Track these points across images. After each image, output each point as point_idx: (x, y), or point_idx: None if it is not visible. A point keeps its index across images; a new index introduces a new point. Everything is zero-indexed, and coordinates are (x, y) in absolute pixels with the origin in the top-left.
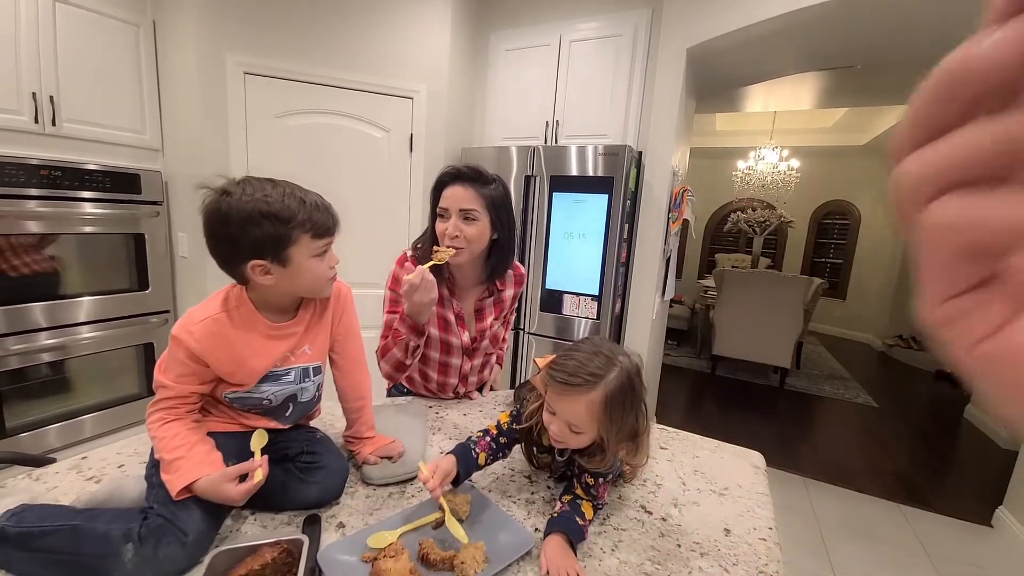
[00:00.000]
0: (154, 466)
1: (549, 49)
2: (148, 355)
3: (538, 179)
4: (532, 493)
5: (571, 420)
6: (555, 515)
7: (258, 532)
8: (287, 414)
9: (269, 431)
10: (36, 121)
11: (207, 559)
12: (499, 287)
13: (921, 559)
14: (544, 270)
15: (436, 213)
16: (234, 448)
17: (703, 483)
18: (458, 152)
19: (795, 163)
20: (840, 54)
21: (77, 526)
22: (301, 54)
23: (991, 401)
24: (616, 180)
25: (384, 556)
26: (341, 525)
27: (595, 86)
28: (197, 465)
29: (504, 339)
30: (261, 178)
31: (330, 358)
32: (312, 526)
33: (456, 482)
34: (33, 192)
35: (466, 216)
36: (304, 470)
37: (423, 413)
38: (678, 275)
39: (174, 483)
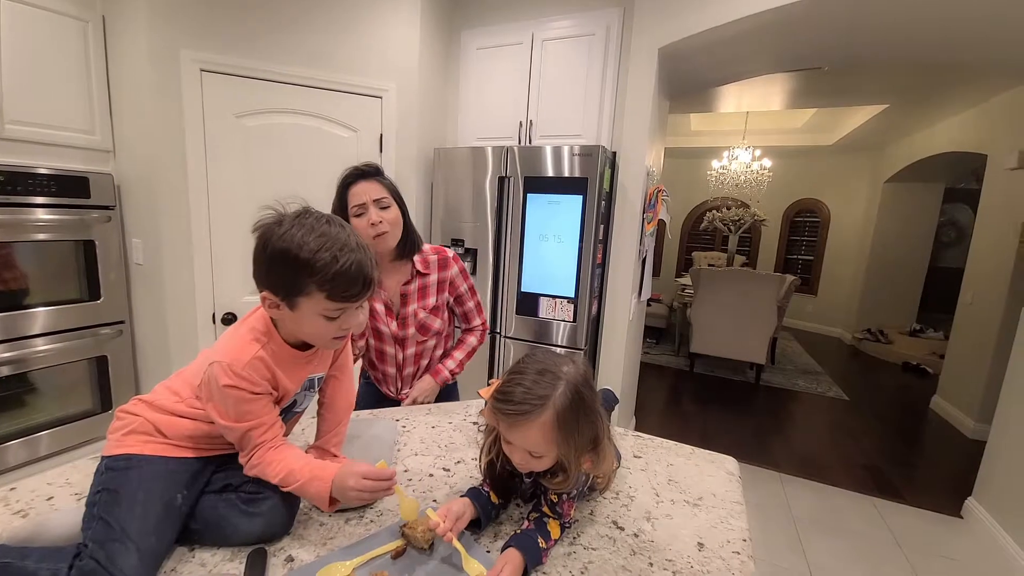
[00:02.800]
0: (97, 492)
1: (521, 48)
2: (102, 368)
3: (512, 180)
4: (500, 525)
5: (527, 446)
6: (518, 531)
7: (195, 570)
8: (282, 420)
9: (211, 458)
10: None
11: None
12: (422, 270)
13: (895, 552)
14: (520, 273)
15: (349, 213)
16: (186, 477)
17: (677, 493)
18: (430, 153)
19: (767, 162)
20: (808, 56)
21: (7, 563)
22: (262, 51)
23: None
24: (591, 181)
25: None
26: (290, 559)
27: (568, 85)
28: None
29: (445, 332)
30: (321, 217)
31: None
32: (256, 562)
33: (477, 525)
34: None
35: (380, 204)
36: (248, 501)
37: (392, 428)
38: (656, 274)
39: (319, 498)
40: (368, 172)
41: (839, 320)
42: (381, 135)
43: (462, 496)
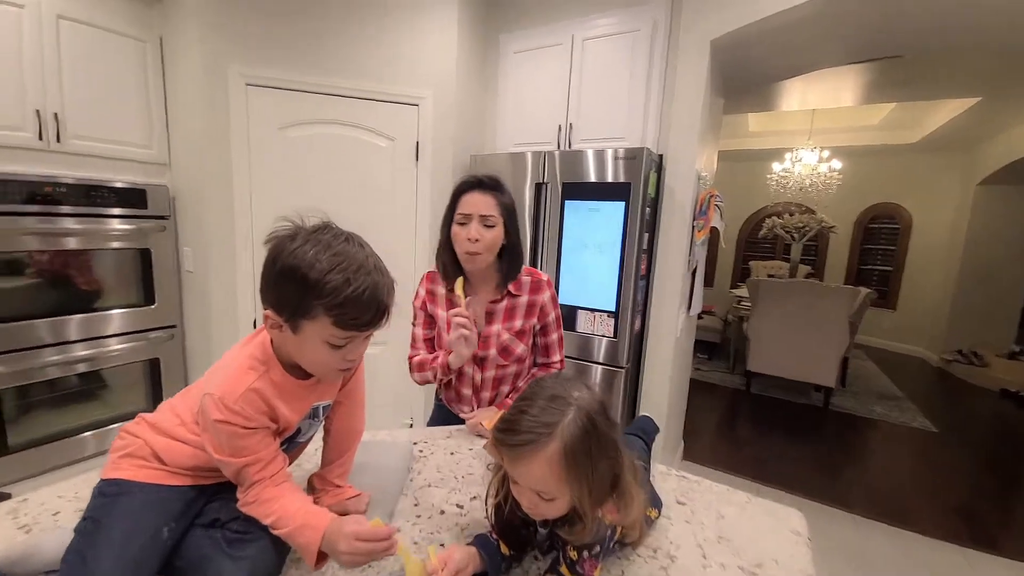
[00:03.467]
0: (84, 519)
1: (561, 49)
2: (154, 370)
3: (550, 186)
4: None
5: (534, 485)
6: None
7: None
8: (284, 450)
9: (208, 486)
10: (40, 138)
11: None
12: (513, 291)
13: None
14: (557, 284)
15: (453, 219)
16: (178, 506)
17: (729, 555)
18: (466, 160)
19: (837, 164)
20: (884, 43)
21: None
22: (303, 63)
23: None
24: (634, 186)
25: None
26: None
27: (611, 86)
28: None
29: (528, 361)
30: (340, 234)
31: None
32: None
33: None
34: (34, 209)
35: (486, 222)
36: (233, 542)
37: (407, 455)
38: (709, 284)
39: (307, 551)
40: (486, 184)
41: (922, 338)
42: (417, 143)
43: (468, 543)
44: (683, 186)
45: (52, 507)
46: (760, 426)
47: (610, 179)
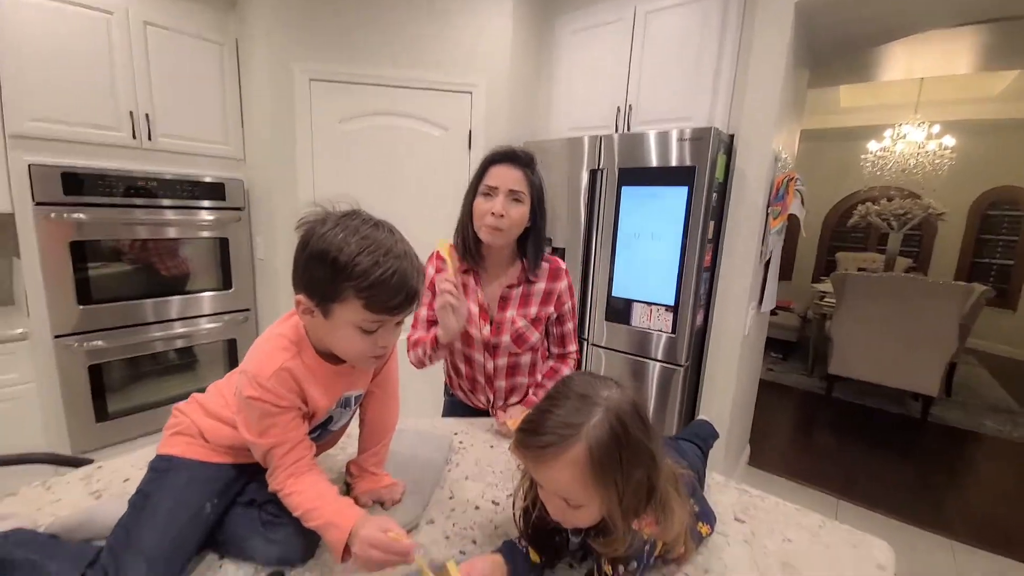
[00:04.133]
0: (137, 492)
1: (621, 24)
2: (231, 349)
3: (606, 172)
4: None
5: (559, 491)
6: None
7: None
8: (312, 439)
9: (245, 465)
10: (134, 137)
11: None
12: (531, 277)
13: None
14: (611, 274)
15: (477, 191)
16: (219, 485)
17: None
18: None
19: (949, 141)
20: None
21: (35, 562)
22: (359, 57)
23: None
24: (699, 170)
25: None
26: None
27: (676, 62)
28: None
29: (541, 351)
30: (369, 219)
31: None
32: None
33: None
34: (134, 201)
35: (514, 197)
36: (268, 524)
37: (445, 447)
38: (786, 277)
39: (334, 549)
40: (519, 158)
41: None
42: (470, 131)
43: (495, 552)
44: (757, 169)
45: (124, 474)
46: (842, 435)
47: (673, 163)
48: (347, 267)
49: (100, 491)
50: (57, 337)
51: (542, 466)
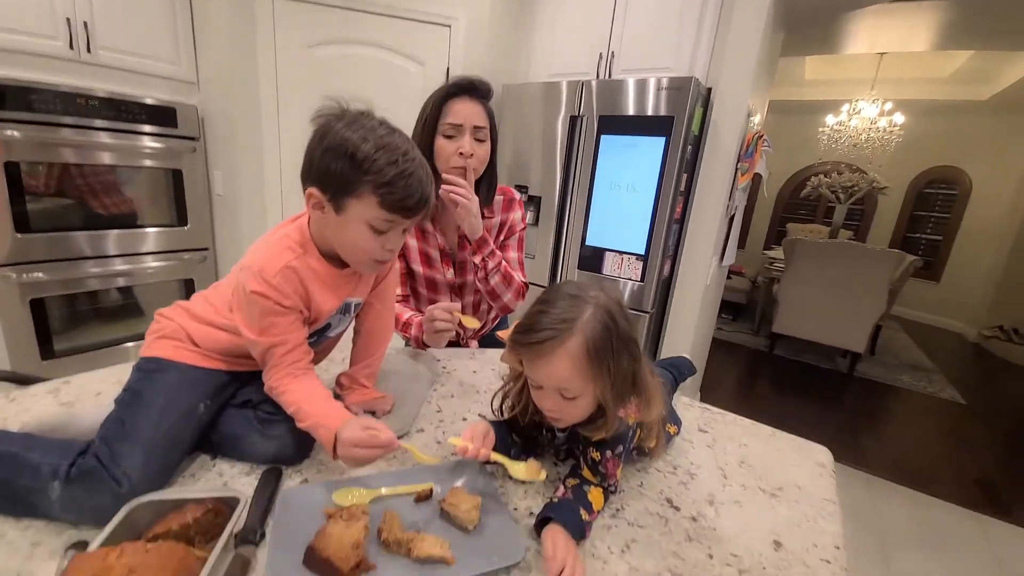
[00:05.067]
0: (123, 391)
1: None
2: (189, 290)
3: (585, 120)
4: (528, 489)
5: (558, 384)
6: (555, 499)
7: (213, 479)
8: (309, 343)
9: (240, 373)
10: (71, 47)
11: (124, 510)
12: (486, 213)
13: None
14: (585, 224)
15: (436, 130)
16: (211, 388)
17: (750, 479)
18: (498, 90)
19: (899, 119)
20: None
21: (15, 454)
22: None
23: None
24: (677, 120)
25: (339, 517)
26: (305, 483)
27: (660, 10)
28: (329, 417)
29: (510, 278)
30: (384, 121)
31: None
32: (269, 480)
33: (497, 450)
34: (68, 121)
35: (477, 135)
36: (264, 422)
37: (430, 367)
38: (741, 246)
39: (325, 447)
40: (479, 90)
41: (964, 313)
42: (448, 68)
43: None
44: (731, 123)
45: (94, 389)
46: (781, 387)
47: (651, 112)
48: (366, 162)
49: (72, 403)
50: None
51: (540, 361)
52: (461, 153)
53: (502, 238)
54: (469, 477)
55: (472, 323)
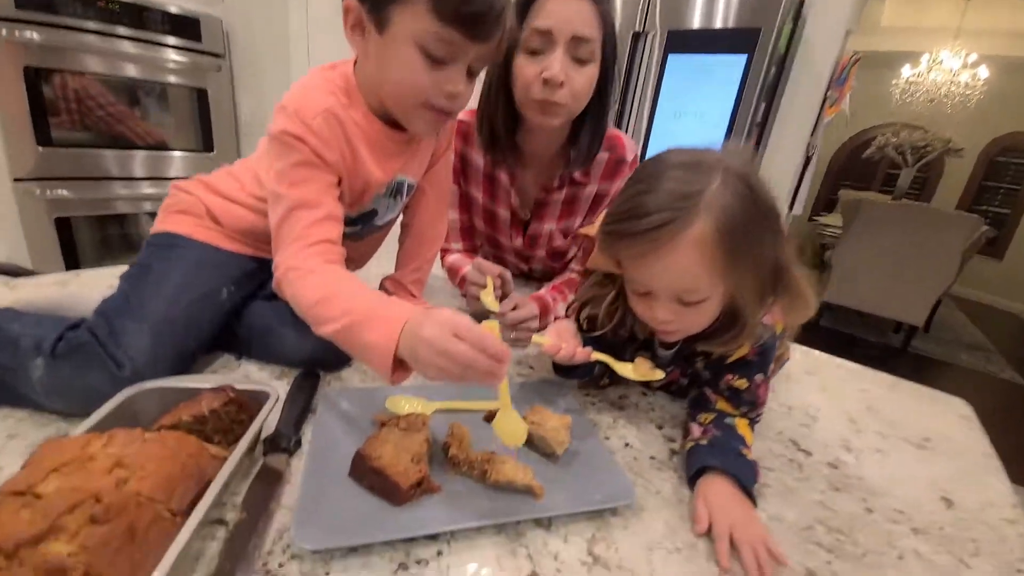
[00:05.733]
0: (136, 266)
1: None
2: None
3: (649, 36)
4: (619, 418)
5: (678, 287)
6: (703, 442)
7: (238, 380)
8: (354, 232)
9: (268, 261)
10: None
11: (121, 395)
12: (579, 178)
13: None
14: (642, 158)
15: (519, 42)
16: (237, 273)
17: (886, 426)
18: None
19: (983, 72)
20: None
21: None
22: None
23: None
24: (764, 34)
25: (394, 425)
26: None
27: None
28: (390, 306)
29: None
30: None
31: (417, 187)
32: (304, 386)
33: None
34: (89, 26)
35: (577, 53)
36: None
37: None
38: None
39: (378, 353)
40: None
41: None
42: None
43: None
44: (826, 40)
45: (107, 283)
46: None
47: (732, 23)
48: None
49: (77, 294)
50: (16, 181)
51: (650, 257)
52: (546, 80)
53: (595, 218)
54: (544, 395)
55: (492, 305)
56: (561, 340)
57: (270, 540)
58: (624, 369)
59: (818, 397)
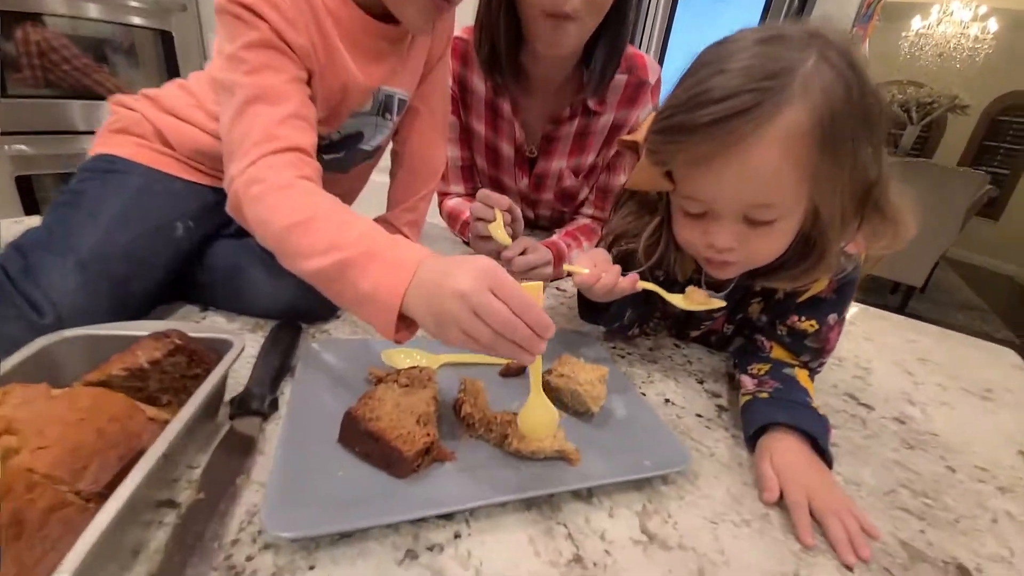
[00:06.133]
0: (66, 193)
1: None
2: None
3: None
4: (653, 372)
5: (751, 197)
6: (762, 395)
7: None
8: (337, 160)
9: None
10: None
11: (35, 344)
12: (593, 107)
13: None
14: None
15: None
16: (194, 206)
17: (945, 378)
18: None
19: (992, 26)
20: None
21: None
22: None
23: None
24: None
25: (392, 381)
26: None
27: None
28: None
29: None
30: None
31: (408, 106)
32: (281, 339)
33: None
34: None
35: None
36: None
37: None
38: None
39: (380, 305)
40: None
41: (1020, 256)
42: None
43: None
44: None
45: None
46: None
47: None
48: None
49: None
50: None
51: (718, 161)
52: None
53: (610, 152)
54: (566, 348)
55: (504, 238)
56: (595, 265)
57: (235, 525)
58: (675, 299)
59: (866, 347)
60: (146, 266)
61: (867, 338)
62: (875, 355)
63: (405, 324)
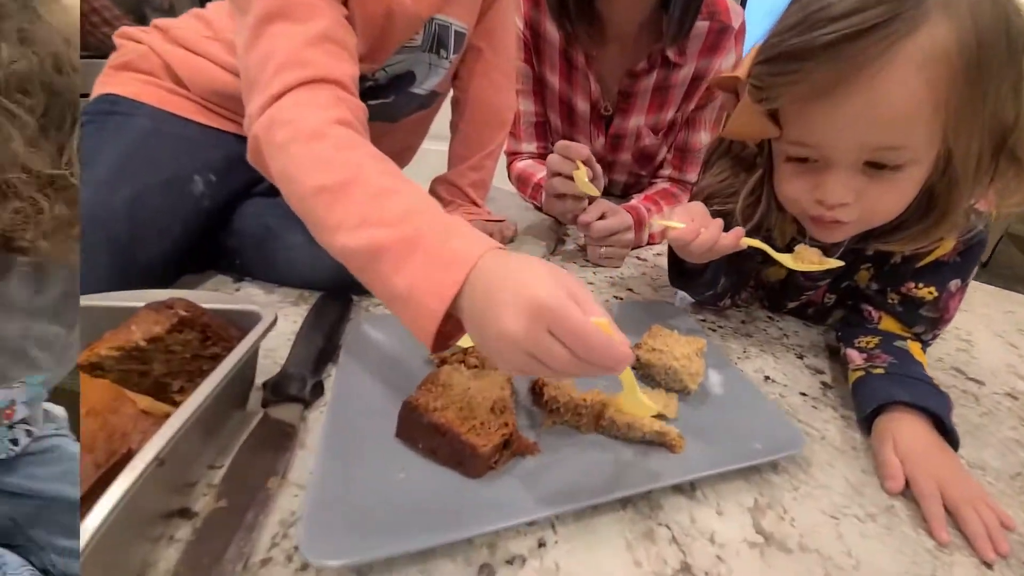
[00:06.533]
0: None
1: None
2: None
3: None
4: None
5: (879, 136)
6: (875, 371)
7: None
8: (383, 104)
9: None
10: None
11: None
12: (673, 58)
13: None
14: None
15: None
16: (215, 156)
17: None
18: None
19: None
20: None
21: None
22: None
23: None
24: None
25: (458, 362)
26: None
27: None
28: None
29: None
30: None
31: (469, 44)
32: (325, 313)
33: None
34: None
35: None
36: None
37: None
38: None
39: (426, 310)
40: None
41: None
42: None
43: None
44: None
45: None
46: None
47: None
48: None
49: None
50: None
51: (839, 93)
52: None
53: (690, 107)
54: (653, 319)
55: (588, 188)
56: (697, 223)
57: (266, 540)
58: (784, 258)
59: (963, 319)
60: (155, 228)
61: (964, 308)
62: (974, 327)
63: (449, 328)
